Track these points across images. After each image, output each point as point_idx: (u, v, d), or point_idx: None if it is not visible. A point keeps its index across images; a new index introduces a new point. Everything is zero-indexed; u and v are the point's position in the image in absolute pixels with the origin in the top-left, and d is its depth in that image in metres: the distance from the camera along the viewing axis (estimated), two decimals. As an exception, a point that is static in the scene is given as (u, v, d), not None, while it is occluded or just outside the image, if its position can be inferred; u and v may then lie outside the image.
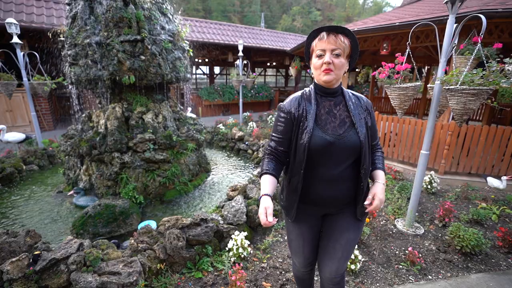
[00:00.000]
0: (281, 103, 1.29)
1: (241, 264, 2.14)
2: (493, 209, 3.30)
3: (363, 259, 2.45)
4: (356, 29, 4.84)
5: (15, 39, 5.13)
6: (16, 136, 4.95)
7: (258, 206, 2.92)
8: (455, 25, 2.43)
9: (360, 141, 1.16)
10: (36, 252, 2.12)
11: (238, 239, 2.39)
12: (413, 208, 2.94)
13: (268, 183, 1.19)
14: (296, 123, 1.22)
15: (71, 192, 3.45)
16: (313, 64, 1.19)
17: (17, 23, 5.19)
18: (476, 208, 3.29)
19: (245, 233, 2.45)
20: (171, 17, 4.00)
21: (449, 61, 2.79)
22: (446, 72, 2.51)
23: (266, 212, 1.09)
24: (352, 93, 1.30)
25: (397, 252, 2.60)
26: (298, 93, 1.29)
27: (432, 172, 3.93)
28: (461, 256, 2.54)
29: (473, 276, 2.30)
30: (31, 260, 2.07)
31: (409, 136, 4.57)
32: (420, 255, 2.52)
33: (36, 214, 3.32)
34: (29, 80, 5.36)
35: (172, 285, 2.11)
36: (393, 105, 2.78)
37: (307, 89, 1.29)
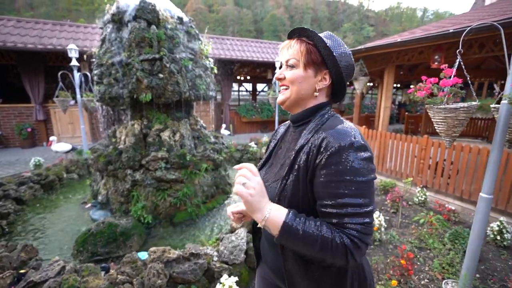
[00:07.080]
0: None
1: (221, 320, 1.75)
2: None
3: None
4: (399, 40, 4.19)
5: (74, 62, 5.86)
6: (63, 147, 5.50)
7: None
8: (529, 25, 1.77)
9: (276, 194, 0.81)
10: (21, 271, 2.09)
11: (226, 285, 2.01)
12: (469, 269, 2.16)
13: None
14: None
15: (89, 205, 3.54)
16: None
17: (77, 48, 5.93)
18: None
19: (236, 278, 2.06)
20: (195, 35, 4.01)
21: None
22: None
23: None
24: (322, 124, 0.81)
25: (440, 333, 1.89)
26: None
27: (503, 218, 2.96)
28: None
29: None
30: (15, 279, 2.04)
31: (469, 167, 3.62)
32: None
33: (57, 222, 3.52)
34: (81, 97, 6.02)
35: (141, 332, 1.83)
36: (437, 131, 2.15)
37: None
